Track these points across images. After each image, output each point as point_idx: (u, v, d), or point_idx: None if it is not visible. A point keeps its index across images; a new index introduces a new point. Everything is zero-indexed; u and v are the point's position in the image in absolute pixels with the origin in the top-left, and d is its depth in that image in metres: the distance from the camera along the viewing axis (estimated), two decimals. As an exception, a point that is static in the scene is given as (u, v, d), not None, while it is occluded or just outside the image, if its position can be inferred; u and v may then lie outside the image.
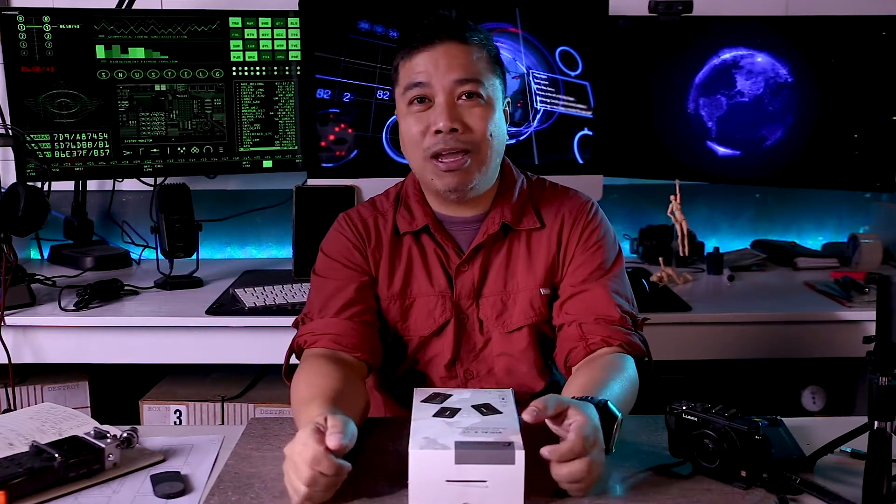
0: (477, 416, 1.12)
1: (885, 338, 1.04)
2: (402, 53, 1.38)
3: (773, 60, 2.21)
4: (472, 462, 1.03)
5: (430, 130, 1.34)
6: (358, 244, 1.45)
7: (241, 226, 2.54)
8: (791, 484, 1.09)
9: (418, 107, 1.35)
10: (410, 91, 1.35)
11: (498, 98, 1.38)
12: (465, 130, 1.34)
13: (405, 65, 1.37)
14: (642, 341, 1.39)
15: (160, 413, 2.05)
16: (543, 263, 1.43)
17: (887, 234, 2.42)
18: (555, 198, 1.47)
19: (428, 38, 1.35)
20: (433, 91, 1.34)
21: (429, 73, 1.34)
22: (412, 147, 1.37)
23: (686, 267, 2.36)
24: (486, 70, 1.36)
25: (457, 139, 1.33)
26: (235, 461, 1.19)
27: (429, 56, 1.34)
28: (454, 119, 1.33)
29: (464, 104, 1.34)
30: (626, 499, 1.08)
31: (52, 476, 1.11)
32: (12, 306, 1.94)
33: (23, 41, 2.10)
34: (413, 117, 1.36)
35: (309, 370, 1.31)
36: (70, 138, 2.17)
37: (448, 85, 1.33)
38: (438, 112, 1.33)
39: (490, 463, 1.02)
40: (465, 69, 1.34)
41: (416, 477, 1.04)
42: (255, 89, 2.29)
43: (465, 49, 1.35)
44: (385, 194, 1.52)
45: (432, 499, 1.04)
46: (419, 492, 1.04)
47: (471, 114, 1.34)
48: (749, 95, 2.24)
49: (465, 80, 1.33)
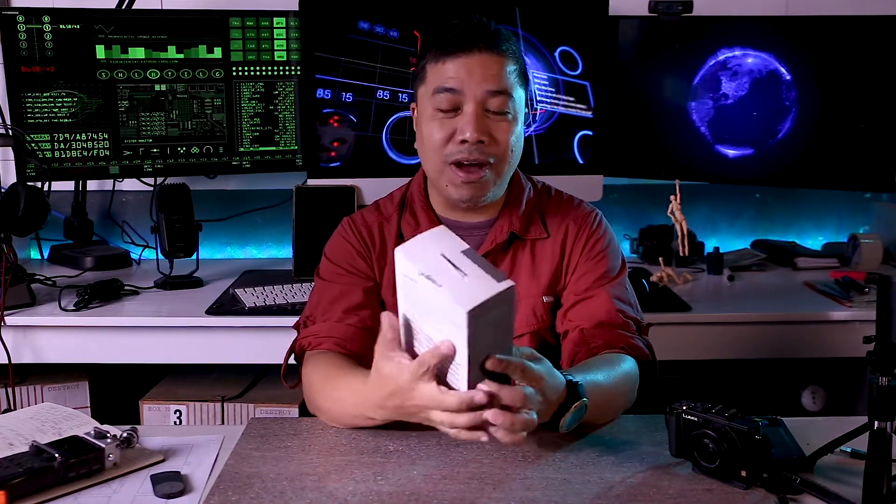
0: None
1: (885, 338, 1.04)
2: (435, 55, 1.34)
3: (772, 60, 2.22)
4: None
5: (455, 138, 1.32)
6: (362, 250, 1.45)
7: (241, 226, 2.54)
8: (791, 484, 1.09)
9: (444, 113, 1.33)
10: (440, 95, 1.33)
11: (521, 110, 1.37)
12: (491, 143, 1.33)
13: (436, 66, 1.34)
14: (646, 345, 1.39)
15: (160, 413, 2.05)
16: (547, 272, 1.43)
17: (887, 234, 2.42)
18: (560, 207, 1.48)
19: (464, 45, 1.31)
20: (463, 99, 1.32)
21: (461, 81, 1.31)
22: (432, 151, 1.36)
23: (686, 267, 2.36)
24: (517, 83, 1.35)
25: (481, 150, 1.32)
26: (235, 461, 1.19)
27: (463, 63, 1.31)
28: (482, 131, 1.31)
29: (492, 116, 1.33)
30: (626, 499, 1.08)
31: (52, 476, 1.11)
32: (12, 306, 1.94)
33: (23, 41, 2.10)
34: (438, 122, 1.34)
35: (321, 360, 1.33)
36: (70, 138, 2.17)
37: (480, 95, 1.31)
38: (467, 121, 1.31)
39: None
40: (498, 81, 1.32)
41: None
42: (254, 89, 2.29)
43: (501, 61, 1.32)
44: (389, 198, 1.51)
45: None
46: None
47: (497, 127, 1.33)
48: (749, 95, 2.24)
49: (497, 93, 1.32)
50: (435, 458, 1.19)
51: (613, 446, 1.22)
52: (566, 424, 1.15)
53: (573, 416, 1.14)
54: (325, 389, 1.29)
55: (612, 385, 1.26)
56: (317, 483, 1.12)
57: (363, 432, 1.26)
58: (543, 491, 1.10)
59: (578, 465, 1.17)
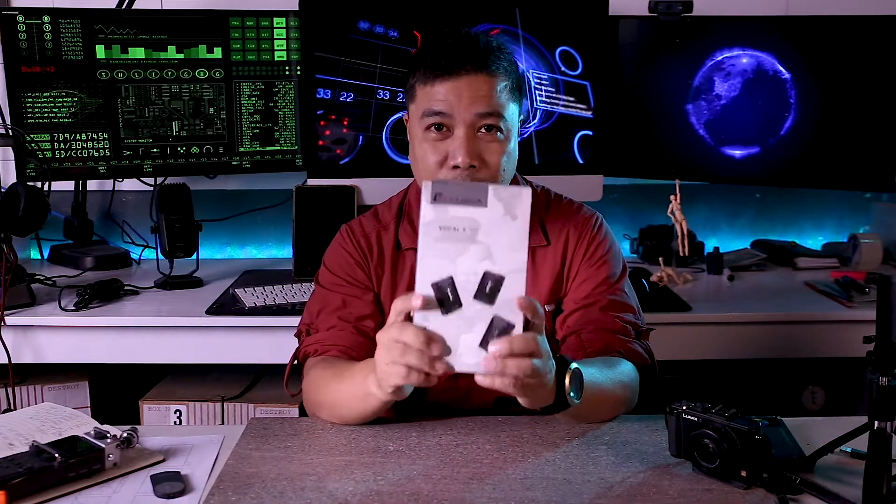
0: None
1: (885, 338, 1.04)
2: (423, 76, 1.32)
3: (772, 60, 2.21)
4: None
5: (447, 163, 1.31)
6: (360, 260, 1.44)
7: (241, 226, 2.54)
8: (791, 484, 1.09)
9: (435, 135, 1.32)
10: (429, 118, 1.32)
11: (515, 125, 1.36)
12: (482, 166, 1.31)
13: (424, 89, 1.32)
14: (645, 350, 1.39)
15: (160, 413, 2.05)
16: (548, 280, 1.43)
17: (887, 234, 2.42)
18: (560, 213, 1.47)
19: (452, 67, 1.29)
20: (453, 122, 1.30)
21: (450, 104, 1.30)
22: (425, 173, 1.34)
23: (686, 267, 2.36)
24: (508, 100, 1.33)
25: (473, 175, 1.31)
26: (235, 461, 1.19)
27: (452, 86, 1.29)
28: (473, 155, 1.30)
29: (483, 136, 1.31)
30: (627, 499, 1.08)
31: (52, 476, 1.11)
32: (12, 306, 1.94)
33: (23, 41, 2.10)
34: (430, 144, 1.33)
35: (329, 361, 1.33)
36: (70, 138, 2.17)
37: (469, 118, 1.30)
38: (457, 146, 1.30)
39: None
40: (488, 103, 1.30)
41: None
42: (254, 89, 2.29)
43: (490, 81, 1.30)
44: (388, 204, 1.51)
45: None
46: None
47: (488, 148, 1.32)
48: (749, 95, 2.24)
49: (487, 114, 1.30)
50: (435, 458, 1.19)
51: (613, 446, 1.22)
52: (571, 391, 1.14)
53: (573, 385, 1.14)
54: (332, 381, 1.29)
55: (607, 379, 1.25)
56: (317, 483, 1.12)
57: (363, 432, 1.26)
58: (543, 491, 1.10)
59: (578, 465, 1.17)
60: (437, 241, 1.02)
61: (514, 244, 1.01)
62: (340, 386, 1.26)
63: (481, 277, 1.02)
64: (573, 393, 1.14)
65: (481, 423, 1.30)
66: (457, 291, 1.02)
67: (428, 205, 1.01)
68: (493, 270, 1.01)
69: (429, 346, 1.01)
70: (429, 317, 1.02)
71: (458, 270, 1.02)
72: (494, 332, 1.02)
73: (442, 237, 1.01)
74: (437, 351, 1.01)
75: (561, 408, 1.15)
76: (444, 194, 1.01)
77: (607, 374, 1.26)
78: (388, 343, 1.05)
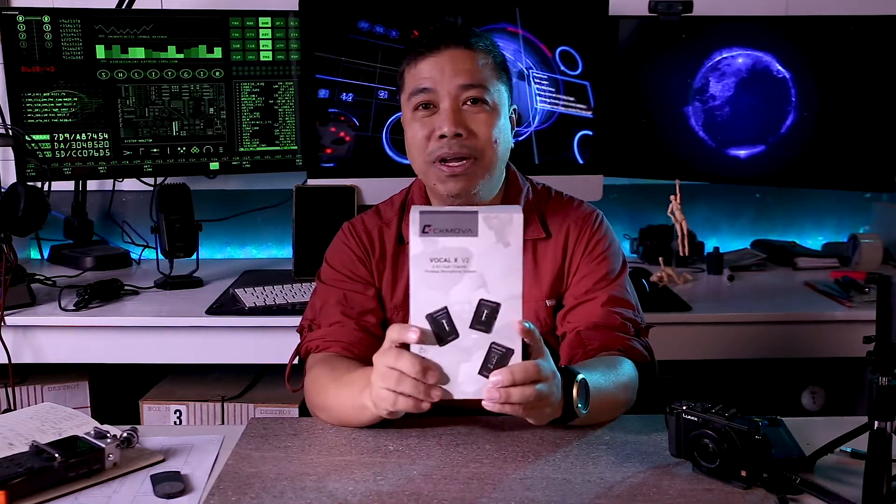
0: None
1: (885, 338, 1.04)
2: (408, 59, 1.37)
3: (772, 60, 2.21)
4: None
5: (434, 135, 1.33)
6: (362, 256, 1.45)
7: (241, 226, 2.54)
8: (791, 484, 1.09)
9: (423, 112, 1.35)
10: (416, 97, 1.35)
11: (504, 104, 1.38)
12: (470, 136, 1.33)
13: (410, 71, 1.36)
14: (645, 347, 1.39)
15: (160, 413, 2.05)
16: (549, 274, 1.43)
17: (887, 234, 2.42)
18: (560, 208, 1.47)
19: (433, 44, 1.34)
20: (438, 97, 1.33)
21: (434, 79, 1.33)
22: (417, 152, 1.37)
23: (686, 267, 2.36)
24: (492, 76, 1.36)
25: (461, 144, 1.33)
26: (235, 461, 1.19)
27: (434, 62, 1.34)
28: (459, 124, 1.32)
29: (469, 109, 1.34)
30: (626, 499, 1.08)
31: (52, 476, 1.11)
32: (12, 306, 1.94)
33: (23, 41, 2.10)
34: (418, 122, 1.36)
35: (330, 360, 1.34)
36: (70, 138, 2.17)
37: (453, 90, 1.33)
38: (443, 117, 1.33)
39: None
40: (471, 75, 1.33)
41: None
42: (254, 89, 2.29)
43: (471, 55, 1.34)
44: (390, 202, 1.51)
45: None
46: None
47: (475, 119, 1.34)
48: (749, 95, 2.24)
49: (470, 86, 1.33)
50: (435, 458, 1.19)
51: (613, 446, 1.22)
52: (579, 402, 1.15)
53: (580, 395, 1.15)
54: (331, 387, 1.29)
55: (611, 383, 1.26)
56: (317, 483, 1.12)
57: (363, 432, 1.26)
58: (543, 491, 1.10)
59: (578, 465, 1.17)
60: (430, 273, 1.01)
61: (508, 271, 1.01)
62: (339, 392, 1.27)
63: (476, 306, 1.01)
64: (581, 404, 1.16)
65: (481, 423, 1.30)
66: (452, 322, 1.02)
67: (417, 238, 1.01)
68: (488, 298, 1.01)
69: (425, 374, 1.03)
70: (426, 347, 1.02)
71: (452, 300, 1.01)
72: (493, 358, 1.02)
73: (434, 269, 1.01)
74: (432, 380, 1.03)
75: (569, 419, 1.17)
76: (434, 226, 1.01)
77: (610, 377, 1.27)
78: (385, 370, 1.06)
